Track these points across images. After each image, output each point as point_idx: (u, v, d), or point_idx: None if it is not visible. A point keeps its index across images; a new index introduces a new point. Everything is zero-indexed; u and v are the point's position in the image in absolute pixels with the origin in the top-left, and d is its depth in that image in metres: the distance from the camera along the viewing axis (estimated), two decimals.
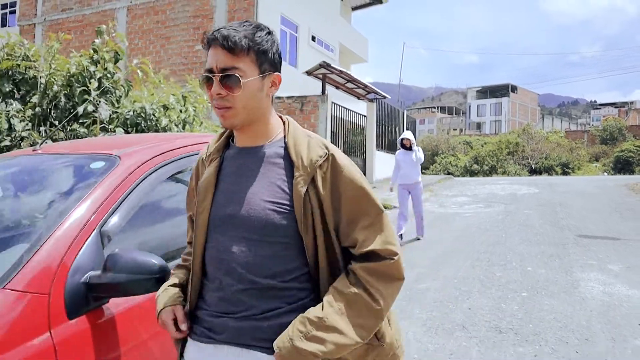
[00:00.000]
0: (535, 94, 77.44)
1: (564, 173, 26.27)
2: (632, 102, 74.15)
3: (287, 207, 1.27)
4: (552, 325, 3.88)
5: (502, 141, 29.56)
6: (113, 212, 1.81)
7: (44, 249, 1.59)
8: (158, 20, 15.55)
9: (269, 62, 1.29)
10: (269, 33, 1.30)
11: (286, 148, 1.34)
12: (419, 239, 7.34)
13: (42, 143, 2.37)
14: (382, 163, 15.84)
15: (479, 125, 69.23)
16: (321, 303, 1.25)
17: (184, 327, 1.35)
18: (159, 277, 1.55)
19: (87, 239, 1.69)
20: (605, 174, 25.52)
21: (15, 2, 23.02)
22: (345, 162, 1.33)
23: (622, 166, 26.09)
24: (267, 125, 1.35)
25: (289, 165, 1.31)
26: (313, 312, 1.23)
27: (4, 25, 23.68)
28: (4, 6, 23.64)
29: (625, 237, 7.17)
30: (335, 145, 10.89)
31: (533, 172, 26.77)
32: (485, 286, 4.93)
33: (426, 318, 4.11)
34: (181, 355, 1.41)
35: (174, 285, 1.44)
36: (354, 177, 1.31)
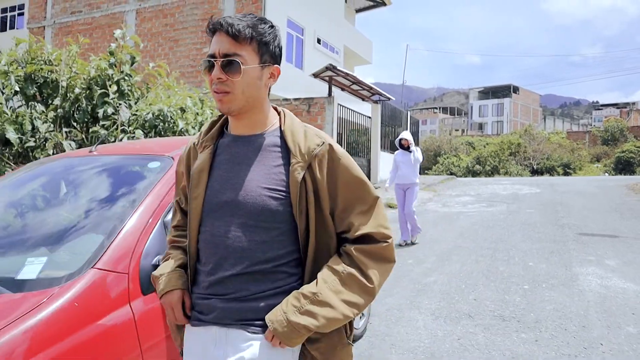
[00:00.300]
0: (537, 95, 77.62)
1: (566, 173, 26.52)
2: (634, 103, 74.26)
3: (284, 194, 1.31)
4: (552, 314, 4.16)
5: (504, 142, 29.83)
6: (172, 206, 2.11)
7: (120, 236, 1.89)
8: (167, 23, 15.86)
9: (269, 54, 1.33)
10: (272, 27, 1.34)
11: (282, 137, 1.37)
12: (413, 244, 7.18)
13: (96, 145, 2.67)
14: (386, 163, 16.15)
15: (481, 126, 69.44)
16: (315, 280, 1.30)
17: (190, 313, 1.41)
18: None
19: (153, 228, 1.99)
20: (607, 174, 25.76)
21: (23, 5, 23.38)
22: (342, 152, 1.39)
23: (623, 167, 26.34)
24: (263, 115, 1.39)
25: (286, 153, 1.34)
26: (307, 288, 1.29)
27: (12, 27, 24.04)
28: (12, 8, 24.01)
29: (623, 235, 7.44)
30: (341, 145, 11.06)
31: (535, 172, 27.03)
32: (489, 279, 5.21)
33: (434, 308, 4.40)
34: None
35: (180, 266, 1.46)
36: (351, 165, 1.37)
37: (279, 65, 1.39)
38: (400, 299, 4.67)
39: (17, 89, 6.22)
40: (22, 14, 23.63)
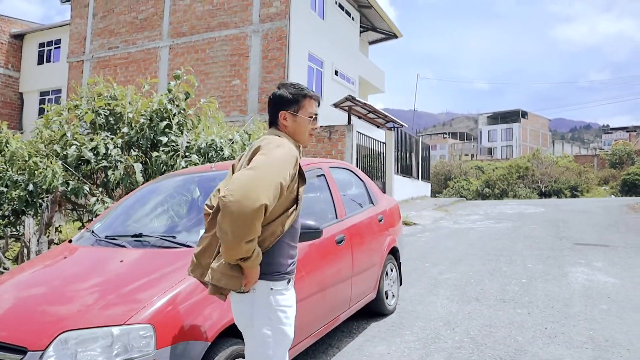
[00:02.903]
0: (546, 120, 78.69)
1: (573, 196, 27.36)
2: None
3: None
4: (543, 297, 5.23)
5: (512, 166, 30.81)
6: None
7: None
8: (198, 57, 17.34)
9: None
10: None
11: None
12: None
13: (214, 164, 3.85)
14: (399, 186, 17.34)
15: (490, 151, 70.46)
16: None
17: None
18: (317, 232, 3.00)
19: None
20: (612, 196, 26.58)
21: (60, 40, 25.23)
22: None
23: (629, 188, 27.17)
24: None
25: None
26: None
27: (48, 60, 25.85)
28: (49, 43, 25.84)
29: (614, 244, 8.46)
30: (359, 169, 11.77)
31: (543, 195, 27.92)
32: (493, 276, 6.28)
33: (449, 295, 5.48)
34: None
35: None
36: None
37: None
38: (421, 289, 5.76)
39: (94, 120, 7.54)
40: (58, 48, 25.42)
